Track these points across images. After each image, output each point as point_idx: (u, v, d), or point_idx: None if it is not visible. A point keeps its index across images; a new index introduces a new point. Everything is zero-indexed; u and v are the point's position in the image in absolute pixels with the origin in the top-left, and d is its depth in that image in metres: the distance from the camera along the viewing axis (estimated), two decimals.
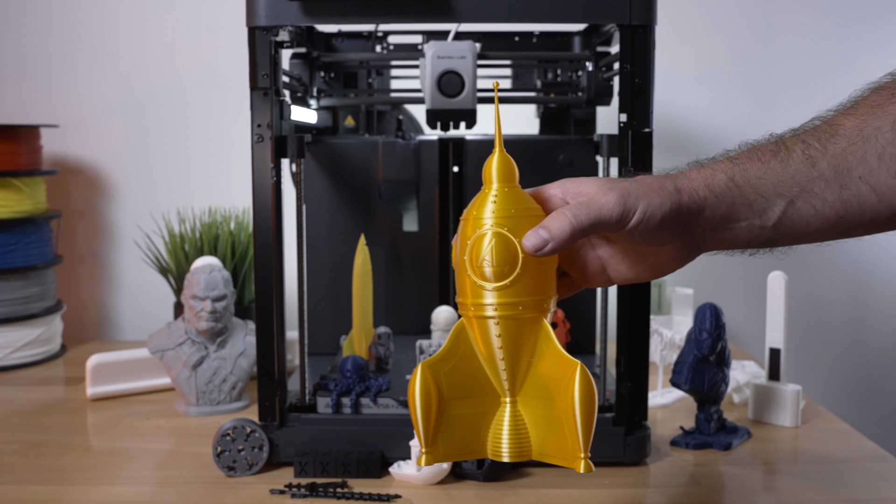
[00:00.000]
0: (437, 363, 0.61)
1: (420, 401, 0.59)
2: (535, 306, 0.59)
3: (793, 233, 0.60)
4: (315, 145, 1.23)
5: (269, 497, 0.85)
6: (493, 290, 0.58)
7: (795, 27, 1.59)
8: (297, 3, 0.86)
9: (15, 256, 1.37)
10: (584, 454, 0.57)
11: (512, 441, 0.61)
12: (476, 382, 0.62)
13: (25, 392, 1.25)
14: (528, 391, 0.61)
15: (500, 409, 0.62)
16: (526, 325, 0.59)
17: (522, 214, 0.60)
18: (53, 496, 0.86)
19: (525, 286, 0.59)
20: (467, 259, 0.59)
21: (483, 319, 0.60)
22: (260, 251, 0.91)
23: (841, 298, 1.63)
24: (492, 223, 0.59)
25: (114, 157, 1.61)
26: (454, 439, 0.61)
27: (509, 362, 0.60)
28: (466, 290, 0.60)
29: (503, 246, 0.58)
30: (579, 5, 0.87)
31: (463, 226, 0.61)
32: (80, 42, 1.58)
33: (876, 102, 0.60)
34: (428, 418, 0.60)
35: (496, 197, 0.60)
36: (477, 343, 0.61)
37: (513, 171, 0.61)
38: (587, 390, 0.57)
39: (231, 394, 1.13)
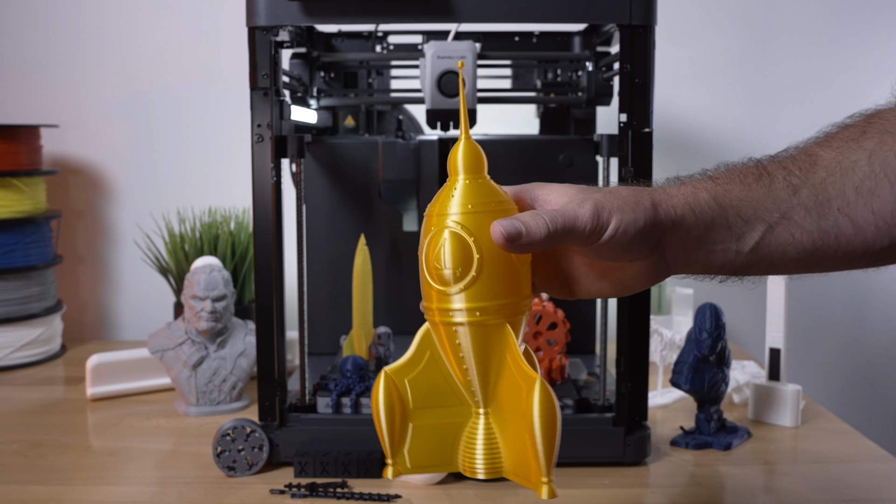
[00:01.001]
0: (401, 370, 0.57)
1: (383, 409, 0.56)
2: (501, 311, 0.54)
3: (767, 261, 0.59)
4: (315, 145, 1.23)
5: (269, 497, 0.85)
6: (453, 294, 0.54)
7: (795, 27, 1.59)
8: (297, 3, 0.86)
9: (15, 256, 1.37)
10: (546, 478, 0.52)
11: (487, 457, 0.56)
12: (445, 391, 0.58)
13: (25, 392, 1.25)
14: (499, 403, 0.57)
15: (473, 420, 0.58)
16: (493, 331, 0.55)
17: (484, 209, 0.54)
18: (53, 496, 0.86)
19: (487, 289, 0.54)
20: (423, 260, 0.55)
21: (446, 326, 0.55)
22: (260, 251, 0.91)
23: (841, 298, 1.63)
24: (447, 220, 0.54)
25: (114, 157, 1.61)
26: (422, 451, 0.57)
27: (478, 371, 0.56)
28: (425, 294, 0.56)
29: (457, 245, 0.53)
30: (579, 5, 0.87)
31: (425, 222, 0.56)
32: (80, 42, 1.58)
33: (850, 137, 0.60)
34: (392, 428, 0.56)
35: (457, 190, 0.55)
36: (443, 348, 0.57)
37: (480, 160, 0.56)
38: (547, 408, 0.51)
39: (231, 394, 1.13)
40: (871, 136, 0.60)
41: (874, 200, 0.57)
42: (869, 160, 0.58)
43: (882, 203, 0.57)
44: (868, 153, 0.58)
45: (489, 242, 0.53)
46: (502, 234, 0.52)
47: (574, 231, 0.54)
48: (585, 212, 0.54)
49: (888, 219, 0.58)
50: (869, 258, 0.60)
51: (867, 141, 0.59)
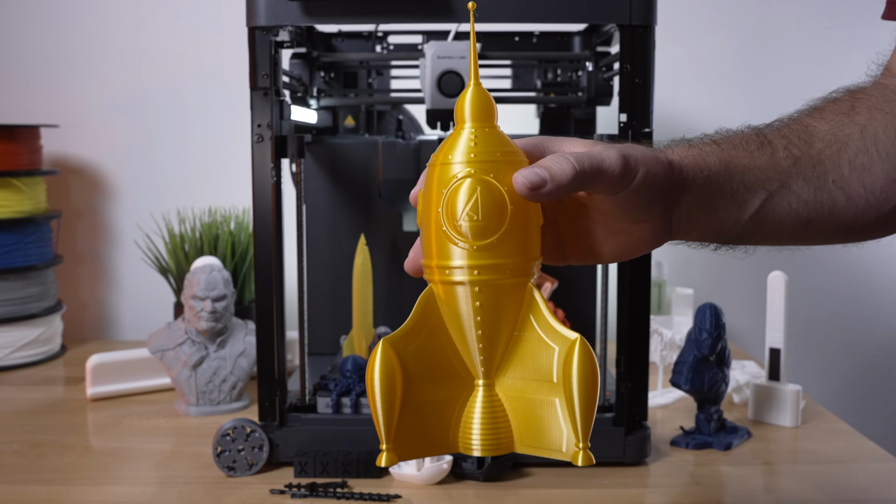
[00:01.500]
0: (402, 340, 0.51)
1: (382, 386, 0.49)
2: (521, 270, 0.50)
3: (763, 230, 0.59)
4: (315, 145, 1.23)
5: (269, 497, 0.85)
6: (473, 251, 0.49)
7: (795, 27, 1.59)
8: (297, 3, 0.86)
9: (15, 256, 1.37)
10: (583, 444, 0.48)
11: (486, 432, 0.51)
12: (446, 362, 0.52)
13: (25, 392, 1.25)
14: (510, 371, 0.52)
15: (473, 393, 0.52)
16: (509, 292, 0.50)
17: (508, 160, 0.50)
18: (53, 496, 0.86)
19: (510, 245, 0.49)
20: (442, 212, 0.49)
21: (458, 286, 0.50)
22: (260, 251, 0.91)
23: (841, 298, 1.63)
24: (474, 169, 0.49)
25: (114, 157, 1.60)
26: (420, 431, 0.51)
27: (487, 337, 0.51)
28: (438, 252, 0.50)
29: (490, 196, 0.49)
30: (579, 5, 0.87)
31: (434, 172, 0.51)
32: (80, 42, 1.58)
33: (840, 110, 0.61)
34: (391, 407, 0.49)
35: (475, 137, 0.50)
36: (448, 315, 0.51)
37: (492, 108, 0.51)
38: (589, 369, 0.48)
39: (231, 394, 1.13)
40: (861, 111, 0.61)
41: (866, 175, 0.59)
42: (861, 135, 0.59)
43: (873, 178, 0.58)
44: (860, 128, 0.59)
45: (515, 193, 0.49)
46: (525, 183, 0.49)
47: (602, 174, 0.50)
48: (613, 155, 0.51)
49: (878, 194, 0.59)
50: (856, 232, 0.61)
51: (858, 115, 0.60)
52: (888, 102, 0.62)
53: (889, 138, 0.59)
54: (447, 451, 0.52)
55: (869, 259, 1.62)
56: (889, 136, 0.59)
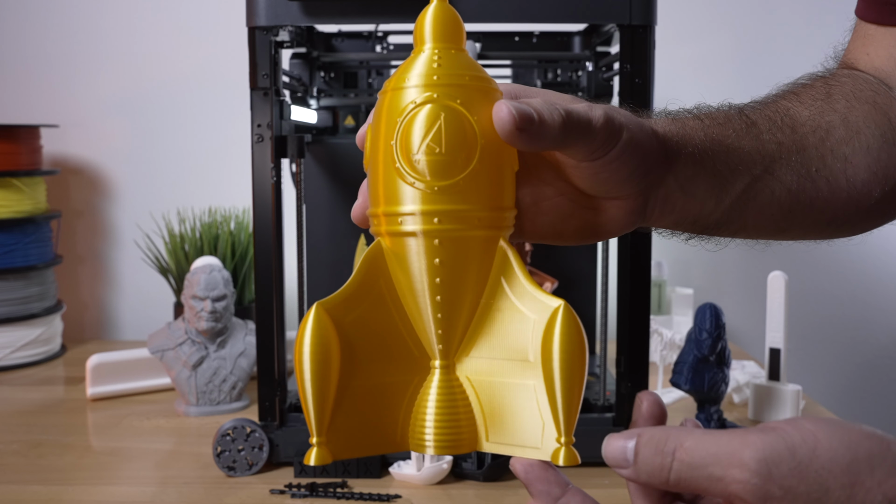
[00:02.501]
0: (341, 306, 0.40)
1: (313, 362, 0.39)
2: (491, 221, 0.41)
3: (742, 218, 0.54)
4: (315, 145, 1.23)
5: (269, 497, 0.85)
6: (433, 193, 0.40)
7: (795, 27, 1.59)
8: (297, 3, 0.86)
9: (15, 256, 1.37)
10: (565, 438, 0.40)
11: (442, 425, 0.41)
12: (395, 338, 0.42)
13: (25, 392, 1.24)
14: (475, 349, 0.42)
15: (429, 377, 0.42)
16: (476, 247, 0.41)
17: (478, 85, 0.41)
18: (53, 496, 0.86)
19: (482, 187, 0.40)
20: (396, 145, 0.40)
21: (412, 238, 0.40)
22: (260, 251, 0.91)
23: (841, 298, 1.63)
24: (437, 93, 0.40)
25: (114, 157, 1.61)
26: (361, 424, 0.41)
27: (447, 304, 0.41)
28: (387, 195, 0.41)
29: (457, 125, 0.40)
30: (579, 5, 0.87)
31: (385, 100, 0.42)
32: (80, 42, 1.58)
33: (817, 96, 0.58)
34: (324, 391, 0.39)
35: (439, 59, 0.41)
36: (400, 276, 0.42)
37: (459, 27, 0.42)
38: (574, 343, 0.39)
39: (231, 394, 1.13)
40: (838, 98, 0.58)
41: (848, 167, 0.56)
42: (843, 124, 0.56)
43: (855, 171, 0.56)
44: (841, 116, 0.57)
45: (486, 128, 0.41)
46: (513, 116, 0.40)
47: (588, 133, 0.43)
48: (599, 115, 0.44)
49: (859, 187, 0.56)
50: (834, 227, 0.58)
51: (836, 103, 0.58)
52: (862, 92, 0.59)
53: (870, 130, 0.57)
54: (393, 449, 0.42)
55: (869, 259, 1.62)
56: (870, 127, 0.57)
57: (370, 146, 0.43)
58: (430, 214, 0.40)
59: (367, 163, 0.43)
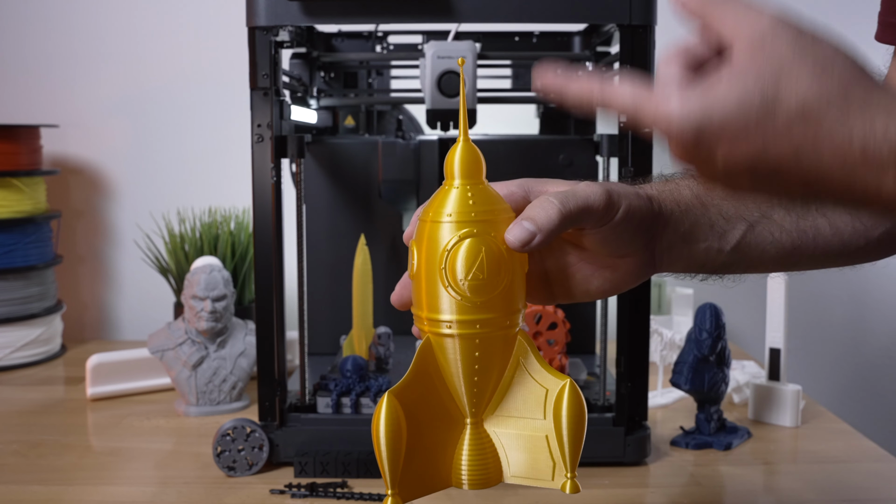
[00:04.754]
0: (405, 391, 0.52)
1: (388, 436, 0.51)
2: (512, 320, 0.53)
3: (747, 259, 0.59)
4: (315, 145, 1.23)
5: (269, 497, 0.85)
6: (472, 306, 0.51)
7: None
8: (297, 3, 0.86)
9: (15, 256, 1.37)
10: (570, 474, 0.52)
11: (473, 467, 0.54)
12: (442, 406, 0.54)
13: (25, 392, 1.25)
14: (500, 409, 0.55)
15: (464, 431, 0.55)
16: (501, 341, 0.53)
17: (503, 218, 0.52)
18: (53, 496, 0.86)
19: (509, 296, 0.52)
20: (445, 270, 0.51)
21: (453, 338, 0.52)
22: (260, 251, 0.91)
23: (841, 298, 1.63)
24: (476, 229, 0.51)
25: (114, 157, 1.60)
26: (420, 473, 0.53)
27: (479, 382, 0.53)
28: (429, 305, 0.53)
29: (494, 256, 0.51)
30: (579, 5, 0.87)
31: (427, 228, 0.52)
32: (80, 42, 1.58)
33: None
34: (397, 457, 0.51)
35: (472, 196, 0.52)
36: (441, 363, 0.54)
37: (480, 164, 0.53)
38: (577, 408, 0.52)
39: (231, 394, 1.13)
40: None
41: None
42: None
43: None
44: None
45: (509, 251, 0.52)
46: (514, 241, 0.51)
47: (589, 209, 0.52)
48: (596, 190, 0.52)
49: (865, 220, 0.58)
50: (845, 257, 0.60)
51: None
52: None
53: None
54: (443, 487, 0.55)
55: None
56: None
57: (416, 263, 0.53)
58: (470, 322, 0.52)
59: (412, 275, 0.54)
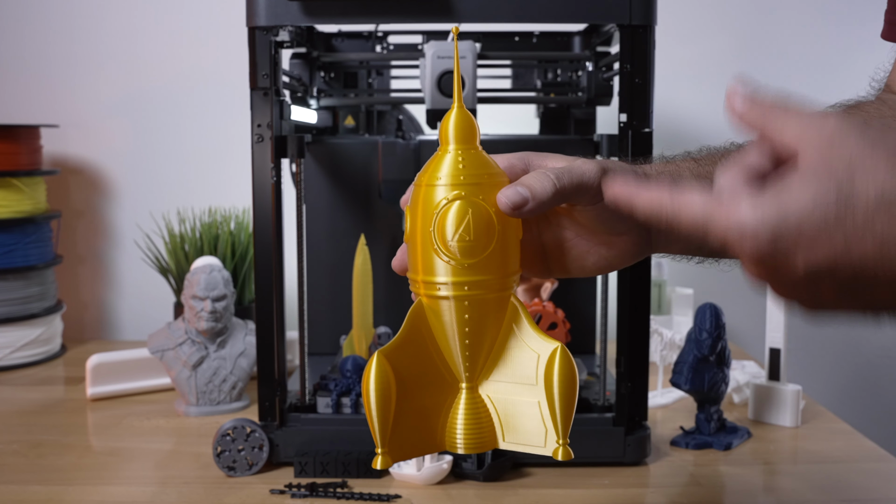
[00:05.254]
0: (395, 351, 0.54)
1: (377, 396, 0.52)
2: (504, 284, 0.54)
3: None
4: (315, 145, 1.23)
5: (269, 497, 0.85)
6: (461, 269, 0.53)
7: (796, 27, 1.59)
8: (297, 3, 0.86)
9: (15, 256, 1.37)
10: (562, 440, 0.53)
11: (468, 431, 0.55)
12: (433, 369, 0.55)
13: (25, 392, 1.25)
14: (493, 374, 0.56)
15: (457, 396, 0.56)
16: (493, 304, 0.54)
17: (493, 181, 0.53)
18: (53, 496, 0.86)
19: (499, 259, 0.53)
20: (434, 232, 0.53)
21: (444, 300, 0.54)
22: (260, 251, 0.91)
23: None
24: (465, 191, 0.53)
25: (114, 157, 1.60)
26: (411, 434, 0.54)
27: (472, 346, 0.55)
28: (425, 268, 0.54)
29: (481, 218, 0.52)
30: (579, 5, 0.87)
31: (420, 193, 0.54)
32: (80, 42, 1.58)
33: None
34: (386, 415, 0.53)
35: (462, 160, 0.53)
36: (435, 325, 0.55)
37: (474, 130, 0.55)
38: (568, 373, 0.53)
39: (231, 394, 1.13)
40: None
41: None
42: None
43: None
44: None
45: (500, 213, 0.53)
46: (507, 203, 0.52)
47: (583, 185, 0.53)
48: (592, 167, 0.53)
49: None
50: None
51: None
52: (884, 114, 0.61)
53: None
54: (435, 450, 0.56)
55: None
56: None
57: (410, 226, 0.55)
58: (460, 284, 0.53)
59: (407, 238, 0.55)
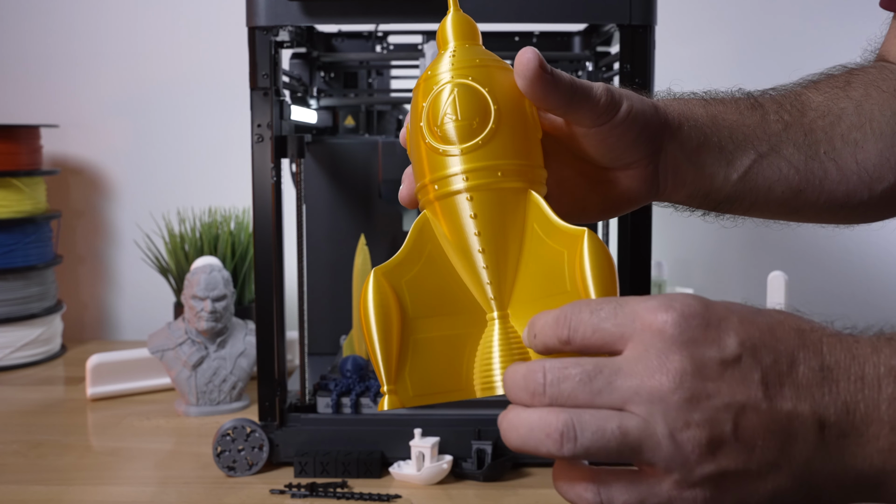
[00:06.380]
0: (396, 269, 0.46)
1: (376, 318, 0.44)
2: (520, 173, 0.46)
3: (753, 194, 0.56)
4: (315, 145, 1.23)
5: (269, 497, 0.85)
6: (461, 155, 0.45)
7: (796, 27, 1.59)
8: (297, 3, 0.86)
9: (15, 256, 1.37)
10: None
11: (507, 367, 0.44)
12: (449, 295, 0.47)
13: (25, 392, 1.25)
14: (524, 296, 0.46)
15: (487, 328, 0.46)
16: (509, 198, 0.46)
17: (490, 64, 0.47)
18: (53, 496, 0.86)
19: (504, 145, 0.46)
20: (424, 124, 0.47)
21: (451, 198, 0.46)
22: (260, 251, 0.91)
23: (841, 298, 1.63)
24: (451, 76, 0.46)
25: (114, 157, 1.60)
26: (426, 372, 0.45)
27: (491, 254, 0.46)
28: (424, 167, 0.47)
29: (469, 95, 0.46)
30: (579, 5, 0.87)
31: (415, 95, 0.49)
32: (80, 42, 1.58)
33: (836, 84, 0.61)
34: (388, 342, 0.44)
35: (454, 52, 0.48)
36: (447, 237, 0.47)
37: (474, 29, 0.49)
38: (602, 264, 0.43)
39: (231, 394, 1.13)
40: (857, 86, 0.60)
41: (858, 151, 0.58)
42: (856, 110, 0.58)
43: (866, 155, 0.58)
44: (855, 103, 0.59)
45: (505, 95, 0.46)
46: (537, 56, 0.46)
47: (590, 99, 0.48)
48: (599, 86, 0.49)
49: (871, 171, 0.58)
50: (847, 210, 0.59)
51: (853, 91, 0.60)
52: (885, 81, 0.61)
53: (885, 117, 0.59)
54: (460, 396, 0.46)
55: (870, 259, 1.62)
56: (885, 114, 0.59)
57: (409, 135, 0.49)
58: (457, 175, 0.45)
59: (408, 148, 0.49)
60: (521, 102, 0.47)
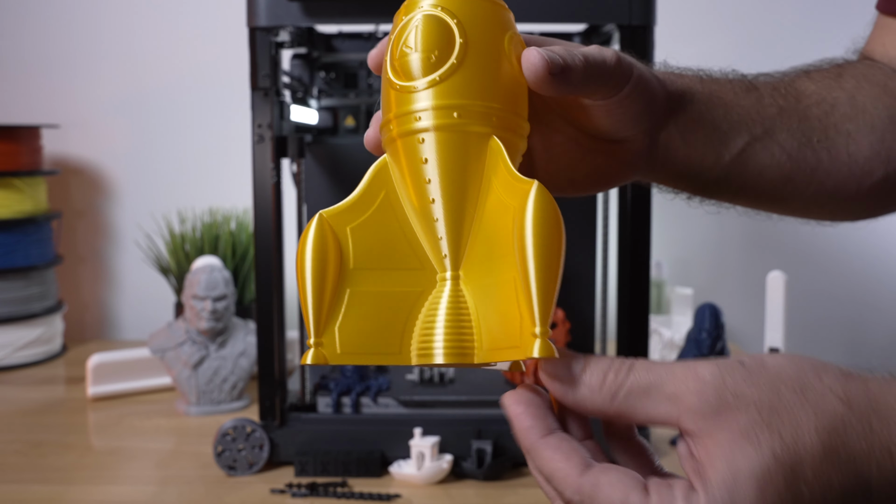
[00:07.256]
0: (342, 214, 0.42)
1: (312, 263, 0.40)
2: (483, 116, 0.40)
3: (742, 178, 0.55)
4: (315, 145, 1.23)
5: (269, 496, 0.85)
6: (422, 90, 0.40)
7: (796, 27, 1.59)
8: (298, 4, 0.86)
9: (16, 256, 1.38)
10: (540, 328, 0.35)
11: (451, 335, 0.40)
12: (400, 248, 0.42)
13: (26, 392, 1.25)
14: (474, 256, 0.41)
15: (436, 289, 0.41)
16: (468, 143, 0.40)
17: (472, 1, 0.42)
18: (54, 496, 0.86)
19: (466, 83, 0.40)
20: (388, 59, 0.42)
21: (406, 140, 0.41)
22: (260, 251, 0.91)
23: (841, 298, 1.63)
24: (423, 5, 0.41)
25: (114, 157, 1.61)
26: (359, 329, 0.41)
27: (445, 206, 0.41)
28: (386, 104, 0.42)
29: (432, 26, 0.40)
30: (579, 5, 0.87)
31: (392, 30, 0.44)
32: (80, 42, 1.58)
33: (828, 75, 0.60)
34: (321, 291, 0.40)
35: None
36: (403, 180, 0.42)
37: None
38: (544, 221, 0.36)
39: (231, 393, 1.14)
40: (848, 78, 0.60)
41: (851, 143, 0.57)
42: (849, 101, 0.58)
43: (858, 147, 0.57)
44: (848, 94, 0.58)
45: (479, 29, 0.41)
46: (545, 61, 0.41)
47: (604, 73, 0.44)
48: (609, 53, 0.45)
49: (861, 164, 0.57)
50: (834, 204, 0.59)
51: (845, 82, 0.59)
52: (874, 75, 0.61)
53: (877, 110, 0.58)
54: (392, 361, 0.41)
55: (869, 259, 1.62)
56: (877, 108, 0.59)
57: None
58: (411, 114, 0.40)
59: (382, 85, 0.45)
60: (499, 39, 0.42)
